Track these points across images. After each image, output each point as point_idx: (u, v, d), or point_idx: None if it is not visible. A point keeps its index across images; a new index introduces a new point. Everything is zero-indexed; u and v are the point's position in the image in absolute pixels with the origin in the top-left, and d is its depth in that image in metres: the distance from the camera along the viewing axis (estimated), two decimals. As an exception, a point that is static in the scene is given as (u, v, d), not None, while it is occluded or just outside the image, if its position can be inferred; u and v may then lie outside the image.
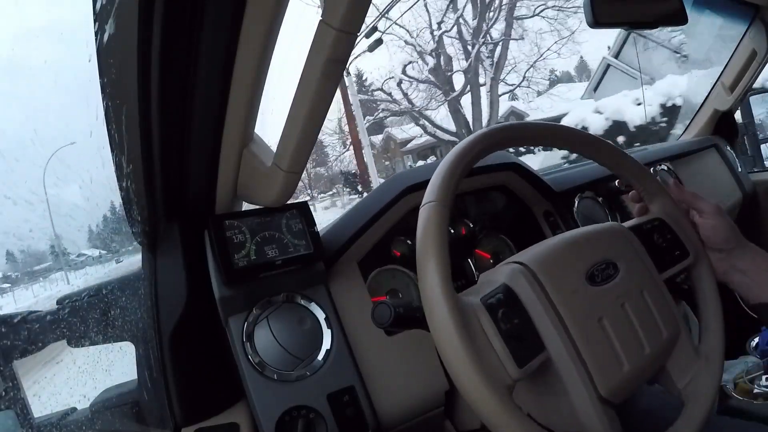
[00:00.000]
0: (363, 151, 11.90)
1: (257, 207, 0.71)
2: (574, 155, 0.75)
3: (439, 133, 14.73)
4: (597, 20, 0.95)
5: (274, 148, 0.63)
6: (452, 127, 14.28)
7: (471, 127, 13.73)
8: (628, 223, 0.67)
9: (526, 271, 0.54)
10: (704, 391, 0.57)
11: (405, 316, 0.56)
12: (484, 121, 13.64)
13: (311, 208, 0.75)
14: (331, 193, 20.38)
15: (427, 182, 0.55)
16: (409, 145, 19.45)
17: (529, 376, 0.50)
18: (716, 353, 0.61)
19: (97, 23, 0.50)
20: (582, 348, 0.51)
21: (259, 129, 0.68)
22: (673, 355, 0.59)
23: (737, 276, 0.66)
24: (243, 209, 0.75)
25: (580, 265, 0.56)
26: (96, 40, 0.51)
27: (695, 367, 0.59)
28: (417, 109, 14.72)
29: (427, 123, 14.81)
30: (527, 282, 0.53)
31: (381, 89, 15.39)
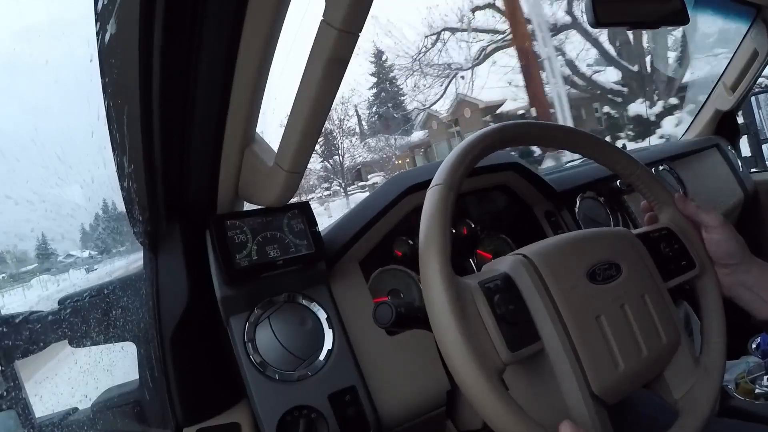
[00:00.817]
0: (543, 79, 6.52)
1: (259, 207, 0.71)
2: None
3: (606, 75, 9.42)
4: (598, 20, 0.95)
5: (275, 147, 0.63)
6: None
7: (650, 66, 9.05)
8: (635, 231, 0.66)
9: (527, 263, 0.54)
10: (701, 402, 0.56)
11: (407, 316, 0.56)
12: (671, 63, 8.21)
13: (344, 202, 0.75)
14: (372, 182, 15.99)
15: (428, 182, 0.55)
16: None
17: (522, 366, 0.50)
18: (716, 366, 0.60)
19: (98, 23, 0.50)
20: (577, 343, 0.50)
21: (260, 129, 0.68)
22: (672, 364, 0.58)
23: (743, 291, 0.64)
24: (244, 209, 0.75)
25: (582, 263, 0.56)
26: (97, 40, 0.51)
27: (694, 377, 0.58)
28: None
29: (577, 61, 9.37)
30: (527, 273, 0.53)
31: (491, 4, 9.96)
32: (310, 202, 0.75)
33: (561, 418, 0.49)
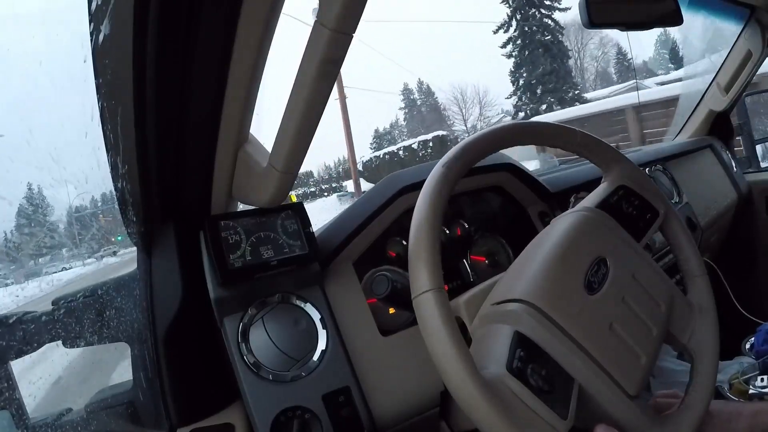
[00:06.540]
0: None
1: (252, 207, 0.71)
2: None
3: None
4: (592, 21, 0.96)
5: (269, 148, 0.64)
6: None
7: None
8: (592, 200, 0.67)
9: (531, 309, 0.53)
10: (707, 341, 0.60)
11: (400, 295, 0.55)
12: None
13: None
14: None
15: (421, 183, 0.55)
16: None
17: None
18: (706, 301, 0.63)
19: (92, 23, 0.50)
20: (603, 361, 0.51)
21: (254, 129, 0.68)
22: (672, 319, 0.60)
23: None
24: (238, 210, 0.75)
25: (575, 279, 0.55)
26: (91, 40, 0.51)
27: (693, 320, 0.62)
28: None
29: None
30: (536, 321, 0.52)
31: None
32: None
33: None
